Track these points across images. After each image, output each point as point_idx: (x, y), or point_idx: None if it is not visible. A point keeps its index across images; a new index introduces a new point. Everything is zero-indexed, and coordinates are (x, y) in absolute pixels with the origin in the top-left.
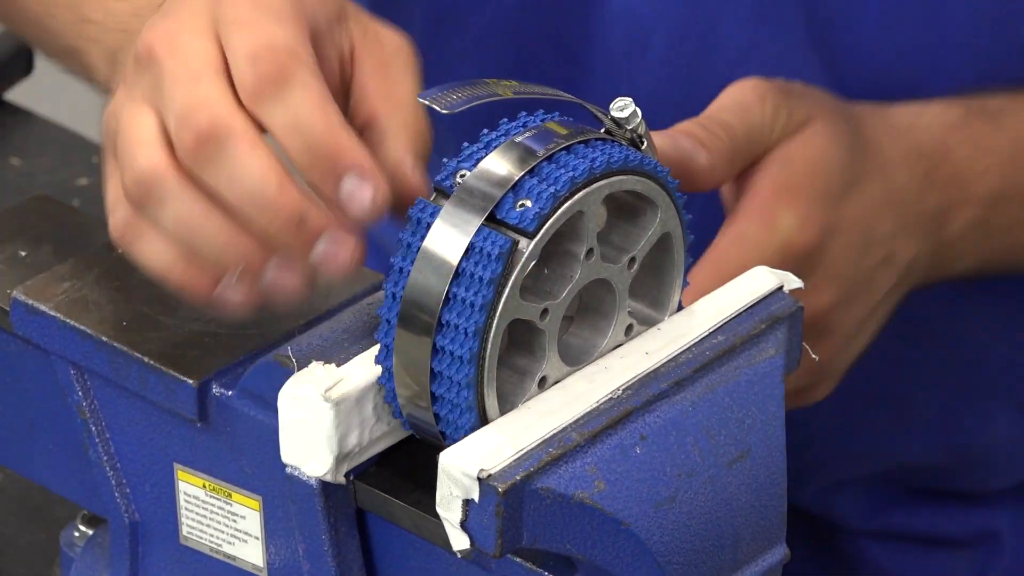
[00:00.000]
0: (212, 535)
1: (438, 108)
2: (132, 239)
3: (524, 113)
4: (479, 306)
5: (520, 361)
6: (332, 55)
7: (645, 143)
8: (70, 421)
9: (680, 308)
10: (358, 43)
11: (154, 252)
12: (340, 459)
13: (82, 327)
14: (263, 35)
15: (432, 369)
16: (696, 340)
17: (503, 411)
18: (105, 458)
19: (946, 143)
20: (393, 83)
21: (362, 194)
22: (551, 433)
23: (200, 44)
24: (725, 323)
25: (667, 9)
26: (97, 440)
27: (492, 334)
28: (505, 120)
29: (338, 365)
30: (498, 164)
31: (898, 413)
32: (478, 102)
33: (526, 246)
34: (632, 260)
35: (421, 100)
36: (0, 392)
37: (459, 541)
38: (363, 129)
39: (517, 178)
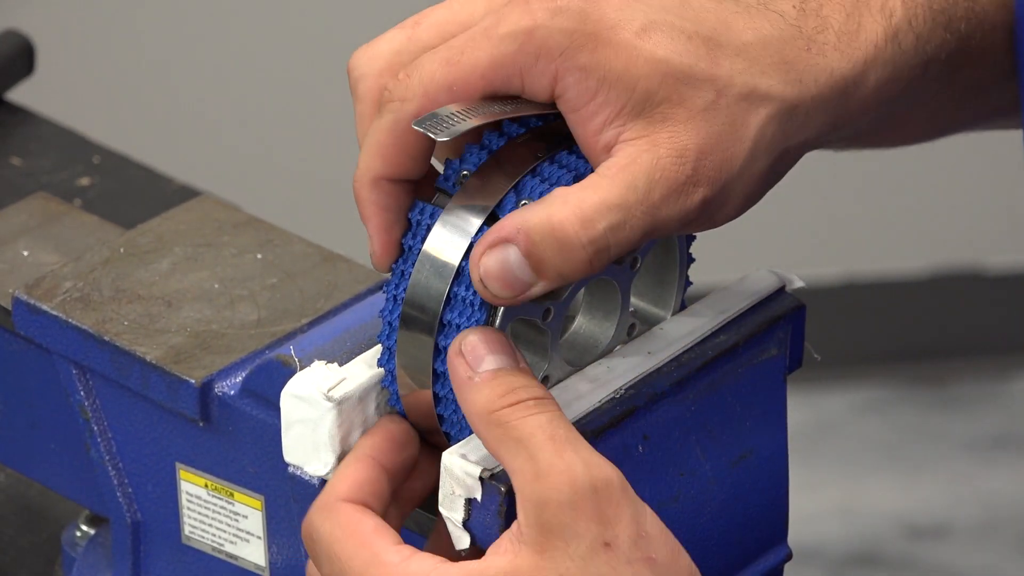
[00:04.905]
0: (214, 535)
1: (433, 136)
2: None
3: None
4: (479, 304)
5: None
6: None
7: None
8: (72, 421)
9: (683, 307)
10: None
11: None
12: (342, 459)
13: (84, 326)
14: None
15: (435, 370)
16: (698, 340)
17: None
18: (107, 458)
19: None
20: None
21: None
22: None
23: None
24: (727, 322)
25: None
26: (99, 440)
27: None
28: (507, 123)
29: (340, 364)
30: (499, 165)
31: None
32: (473, 126)
33: None
34: (635, 259)
35: (415, 128)
36: (2, 392)
37: (461, 540)
38: None
39: (518, 178)
